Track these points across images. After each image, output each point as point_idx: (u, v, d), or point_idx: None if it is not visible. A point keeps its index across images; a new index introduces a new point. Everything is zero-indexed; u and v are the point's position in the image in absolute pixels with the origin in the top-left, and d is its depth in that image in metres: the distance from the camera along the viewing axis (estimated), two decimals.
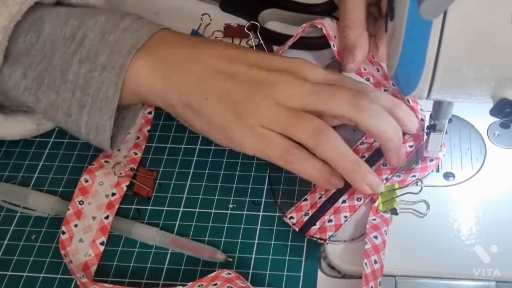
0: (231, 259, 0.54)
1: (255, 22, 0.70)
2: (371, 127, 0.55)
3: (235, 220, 0.57)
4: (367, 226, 0.54)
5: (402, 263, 0.52)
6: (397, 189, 0.55)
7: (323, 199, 0.57)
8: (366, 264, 0.51)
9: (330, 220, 0.55)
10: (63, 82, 0.57)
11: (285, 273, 0.53)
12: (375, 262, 0.51)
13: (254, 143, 0.55)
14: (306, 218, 0.56)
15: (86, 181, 0.59)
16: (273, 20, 0.75)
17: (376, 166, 0.59)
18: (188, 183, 0.60)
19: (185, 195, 0.59)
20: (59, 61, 0.58)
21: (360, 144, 0.61)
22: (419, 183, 0.56)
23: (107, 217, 0.57)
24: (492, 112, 0.45)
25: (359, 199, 0.56)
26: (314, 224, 0.55)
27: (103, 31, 0.58)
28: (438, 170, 0.59)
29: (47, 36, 0.59)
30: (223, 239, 0.56)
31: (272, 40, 0.72)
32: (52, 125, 0.65)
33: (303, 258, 0.54)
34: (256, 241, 0.56)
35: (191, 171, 0.61)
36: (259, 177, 0.60)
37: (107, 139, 0.58)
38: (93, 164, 0.61)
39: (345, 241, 0.54)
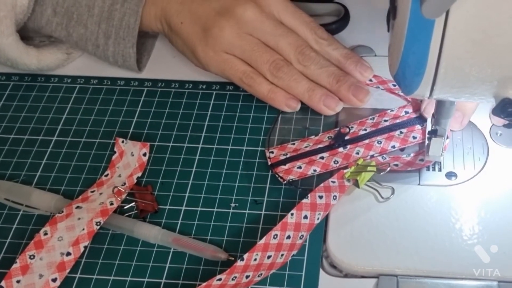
0: (233, 258, 0.54)
1: None
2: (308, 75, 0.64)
3: (237, 219, 0.57)
4: (321, 184, 0.55)
5: (404, 262, 0.52)
6: (372, 166, 0.56)
7: (307, 149, 0.60)
8: (292, 214, 0.53)
9: (299, 167, 0.58)
10: (90, 16, 0.66)
11: (287, 272, 0.53)
12: (305, 217, 0.53)
13: (218, 65, 0.65)
14: (282, 157, 0.59)
15: (45, 233, 0.54)
16: None
17: (370, 140, 0.60)
18: (190, 181, 0.60)
19: (187, 194, 0.59)
20: None
21: (370, 119, 0.63)
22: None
23: (54, 280, 0.52)
24: (495, 112, 0.44)
25: (336, 161, 0.59)
26: (284, 165, 0.59)
27: None
28: (440, 170, 0.59)
29: None
30: (225, 238, 0.56)
31: None
32: (80, 53, 0.72)
33: (305, 257, 0.54)
34: (258, 240, 0.55)
35: (193, 169, 0.61)
36: (261, 176, 0.60)
37: (133, 64, 0.68)
38: (61, 212, 0.56)
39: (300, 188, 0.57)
